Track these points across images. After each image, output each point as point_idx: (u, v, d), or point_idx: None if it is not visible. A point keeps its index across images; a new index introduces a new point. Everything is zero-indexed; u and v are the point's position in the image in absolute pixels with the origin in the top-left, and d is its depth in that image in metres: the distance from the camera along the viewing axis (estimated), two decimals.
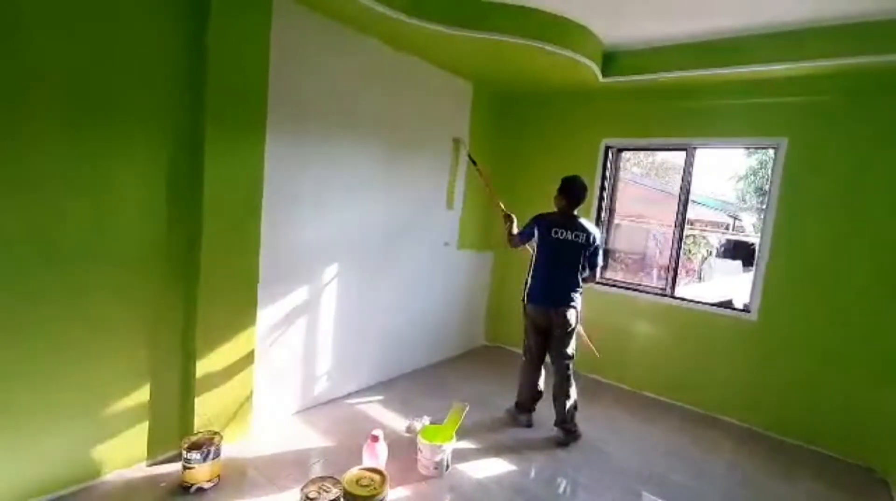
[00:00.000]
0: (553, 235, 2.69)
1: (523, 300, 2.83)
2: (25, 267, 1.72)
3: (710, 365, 3.30)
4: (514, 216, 2.89)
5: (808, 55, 2.63)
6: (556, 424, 2.76)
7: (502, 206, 3.09)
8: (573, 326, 2.73)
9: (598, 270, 2.84)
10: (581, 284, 2.76)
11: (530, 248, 2.86)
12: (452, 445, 2.35)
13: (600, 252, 2.79)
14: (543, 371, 2.89)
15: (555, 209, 2.78)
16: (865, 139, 2.77)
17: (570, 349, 2.76)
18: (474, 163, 3.59)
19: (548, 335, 2.79)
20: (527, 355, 2.89)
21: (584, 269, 2.75)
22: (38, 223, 1.73)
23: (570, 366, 2.76)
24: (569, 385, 2.72)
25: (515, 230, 2.85)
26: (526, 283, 2.82)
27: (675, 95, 3.34)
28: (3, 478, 1.74)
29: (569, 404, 2.71)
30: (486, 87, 3.80)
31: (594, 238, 2.73)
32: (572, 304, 2.71)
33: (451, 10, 2.57)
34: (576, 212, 2.74)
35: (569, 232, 2.69)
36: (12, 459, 1.76)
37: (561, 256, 2.70)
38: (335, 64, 2.65)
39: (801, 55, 2.65)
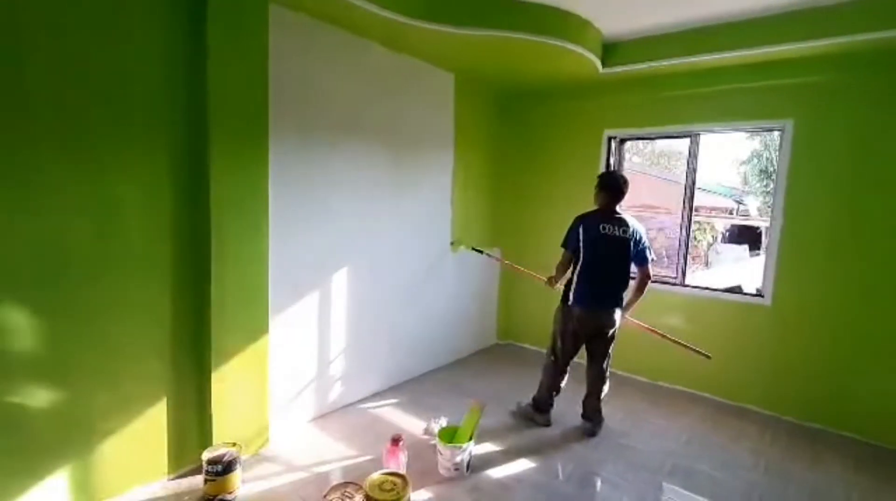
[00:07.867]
0: (602, 230, 2.58)
1: (565, 303, 2.71)
2: (36, 290, 1.71)
3: (726, 353, 3.25)
4: (553, 274, 2.83)
5: (809, 35, 2.58)
6: (584, 416, 2.78)
7: (542, 277, 2.97)
8: (617, 326, 2.68)
9: (650, 265, 2.65)
10: (629, 283, 2.69)
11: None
12: (472, 445, 2.34)
13: (648, 248, 2.65)
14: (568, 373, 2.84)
15: (595, 208, 2.69)
16: (872, 115, 2.73)
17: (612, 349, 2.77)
18: (481, 253, 3.70)
19: (591, 337, 2.70)
20: (555, 356, 2.79)
21: (631, 266, 2.65)
22: (45, 245, 1.72)
23: (610, 364, 2.78)
24: (604, 381, 2.76)
25: (556, 272, 2.80)
26: (570, 284, 2.70)
27: (677, 83, 3.30)
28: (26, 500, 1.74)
29: (603, 396, 2.77)
30: (486, 84, 3.77)
31: (640, 233, 2.64)
32: (621, 304, 2.67)
33: (446, 9, 2.54)
34: (617, 208, 2.66)
35: (616, 228, 2.59)
36: (35, 481, 1.75)
37: (610, 253, 2.60)
38: (336, 70, 2.64)
39: (802, 36, 2.60)
